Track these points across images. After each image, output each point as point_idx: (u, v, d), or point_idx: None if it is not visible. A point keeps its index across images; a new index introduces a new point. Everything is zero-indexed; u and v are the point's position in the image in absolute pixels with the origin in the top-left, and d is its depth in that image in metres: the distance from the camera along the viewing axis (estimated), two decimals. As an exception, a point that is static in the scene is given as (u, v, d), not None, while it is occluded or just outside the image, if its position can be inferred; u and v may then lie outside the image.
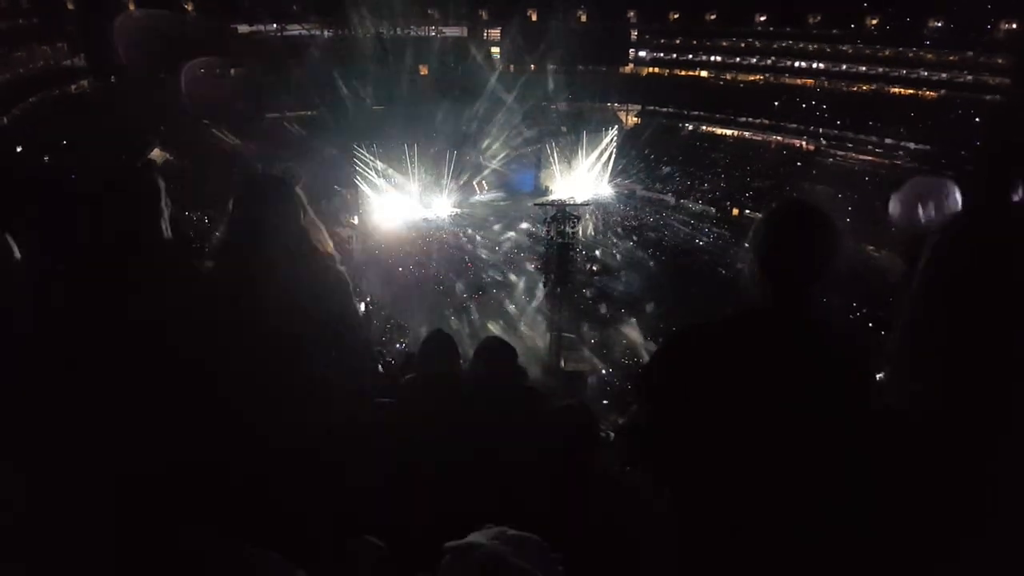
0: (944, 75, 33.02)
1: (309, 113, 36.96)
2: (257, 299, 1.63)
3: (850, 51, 36.49)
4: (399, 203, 33.58)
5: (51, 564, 0.71)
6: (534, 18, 43.85)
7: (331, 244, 2.05)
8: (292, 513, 1.45)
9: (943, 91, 32.89)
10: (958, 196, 1.51)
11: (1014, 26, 29.78)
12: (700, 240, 30.86)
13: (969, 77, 31.93)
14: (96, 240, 1.45)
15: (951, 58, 32.72)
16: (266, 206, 1.74)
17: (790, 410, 1.31)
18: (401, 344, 18.20)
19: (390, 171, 33.46)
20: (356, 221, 32.26)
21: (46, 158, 22.19)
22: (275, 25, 39.53)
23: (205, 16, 37.01)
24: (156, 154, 29.78)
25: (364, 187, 33.12)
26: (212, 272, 1.75)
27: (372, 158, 32.71)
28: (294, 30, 39.85)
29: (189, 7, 36.98)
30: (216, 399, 1.45)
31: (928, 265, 1.36)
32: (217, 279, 1.72)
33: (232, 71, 34.06)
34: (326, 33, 39.81)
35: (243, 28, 38.81)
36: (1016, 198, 1.53)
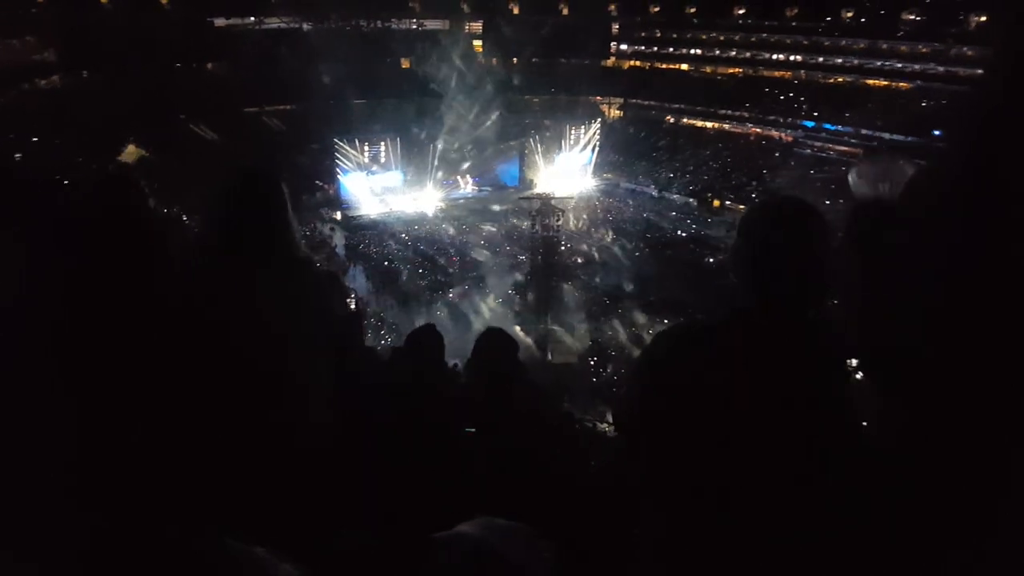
0: (917, 67, 33.61)
1: (289, 107, 36.46)
2: (240, 298, 1.60)
3: (827, 44, 36.99)
4: (381, 198, 33.33)
5: (34, 558, 0.70)
6: (516, 11, 43.68)
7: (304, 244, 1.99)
8: (278, 507, 1.44)
9: (917, 82, 33.51)
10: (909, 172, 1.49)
11: (984, 19, 30.41)
12: (682, 231, 31.13)
13: (941, 69, 32.55)
14: (76, 244, 1.42)
15: (924, 50, 33.32)
16: (251, 203, 1.68)
17: (780, 409, 1.30)
18: (386, 340, 18.13)
19: (372, 166, 33.18)
20: (338, 216, 31.98)
21: (17, 156, 21.62)
22: (253, 18, 38.84)
23: (181, 9, 36.26)
24: (131, 151, 29.16)
25: (345, 182, 32.83)
26: (192, 272, 1.71)
27: (354, 152, 32.40)
28: (272, 23, 39.21)
29: (164, 0, 36.18)
30: (201, 396, 1.43)
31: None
32: (197, 279, 1.69)
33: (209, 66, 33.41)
34: (305, 26, 39.23)
35: (220, 21, 38.09)
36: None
